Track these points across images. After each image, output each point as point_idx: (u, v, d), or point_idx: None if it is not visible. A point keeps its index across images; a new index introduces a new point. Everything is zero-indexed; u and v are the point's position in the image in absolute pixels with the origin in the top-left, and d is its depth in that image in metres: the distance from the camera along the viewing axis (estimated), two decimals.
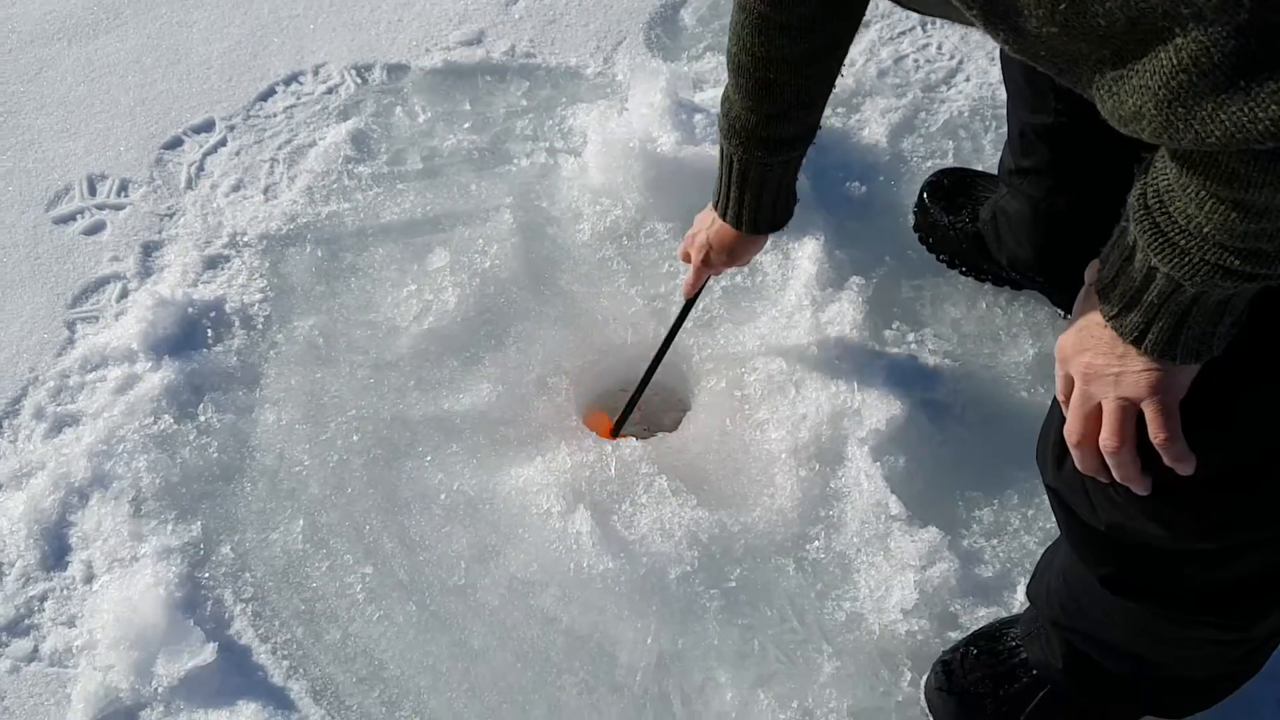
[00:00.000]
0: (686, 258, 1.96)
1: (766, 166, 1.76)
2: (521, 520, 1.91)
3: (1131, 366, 1.10)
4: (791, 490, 1.94)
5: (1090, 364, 1.13)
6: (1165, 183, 0.98)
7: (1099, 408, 1.15)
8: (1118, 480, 1.18)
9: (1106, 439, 1.14)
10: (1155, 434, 1.11)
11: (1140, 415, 1.12)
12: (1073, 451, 1.20)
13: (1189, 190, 0.95)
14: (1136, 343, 1.08)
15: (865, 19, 2.62)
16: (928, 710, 1.76)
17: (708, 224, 1.90)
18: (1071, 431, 1.18)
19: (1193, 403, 1.12)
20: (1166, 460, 1.13)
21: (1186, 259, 0.99)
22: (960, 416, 2.06)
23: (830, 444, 1.97)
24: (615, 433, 2.05)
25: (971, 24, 1.06)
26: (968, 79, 2.59)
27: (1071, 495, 1.34)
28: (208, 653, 1.76)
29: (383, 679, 1.78)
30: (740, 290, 2.21)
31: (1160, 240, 1.00)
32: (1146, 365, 1.09)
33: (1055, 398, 1.24)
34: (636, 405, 2.04)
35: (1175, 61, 0.84)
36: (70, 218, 2.30)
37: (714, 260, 1.93)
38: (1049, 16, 0.88)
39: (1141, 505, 1.22)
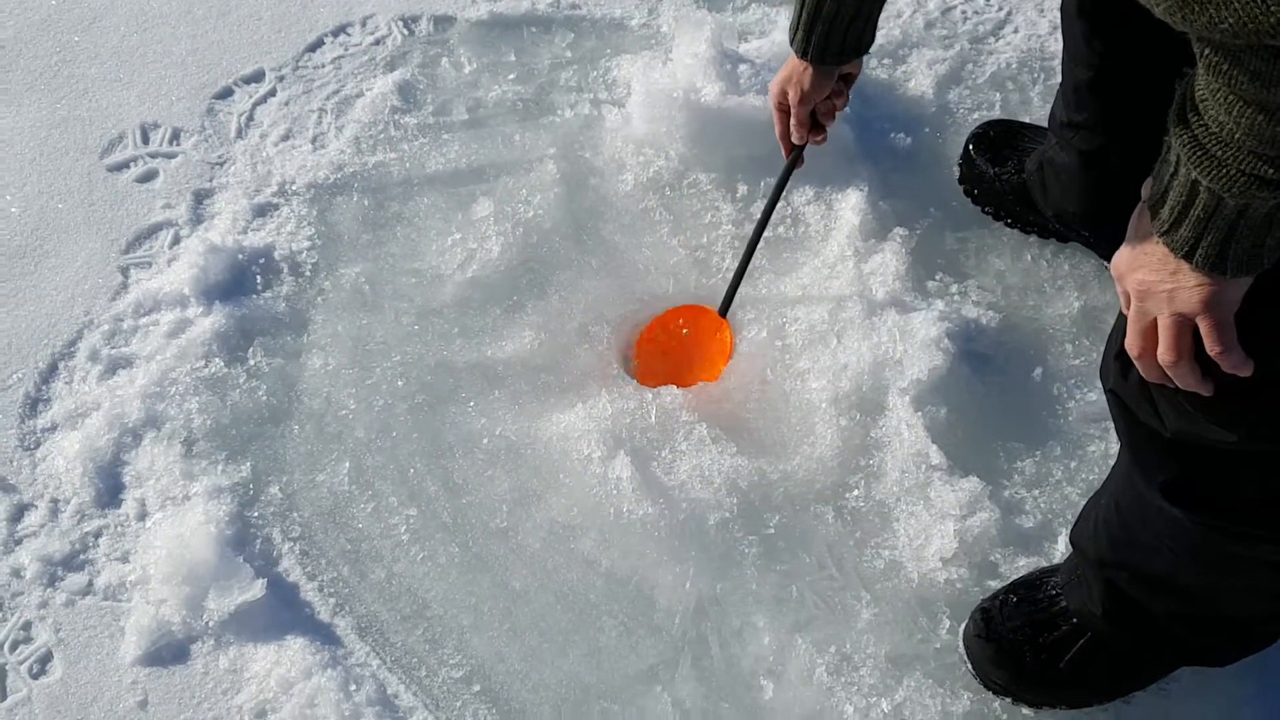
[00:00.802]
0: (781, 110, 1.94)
1: None
2: (562, 465, 1.93)
3: (1184, 282, 1.09)
4: (831, 439, 1.94)
5: (1144, 280, 1.13)
6: (1200, 93, 0.98)
7: (1155, 322, 1.15)
8: (1180, 388, 1.19)
9: (1164, 354, 1.15)
10: (1211, 347, 1.11)
11: (1196, 327, 1.12)
12: (1136, 362, 1.20)
13: (1218, 95, 0.95)
14: (1187, 258, 1.07)
15: None
16: (965, 657, 1.77)
17: (787, 69, 1.87)
18: (1132, 346, 1.19)
19: (1247, 309, 1.12)
20: (1225, 369, 1.13)
21: (1224, 170, 0.98)
22: (1003, 368, 2.05)
23: (871, 394, 1.97)
24: (723, 312, 2.06)
25: None
26: (1016, 31, 2.56)
27: (1137, 403, 1.34)
28: (256, 589, 1.80)
29: (426, 618, 1.81)
30: (782, 240, 2.21)
31: (1198, 152, 1.00)
32: (1199, 280, 1.08)
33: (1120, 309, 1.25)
34: (738, 286, 2.05)
35: None
36: (124, 165, 2.33)
37: (793, 101, 1.87)
38: None
39: (1207, 410, 1.22)
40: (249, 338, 2.08)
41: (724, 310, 2.07)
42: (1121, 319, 1.25)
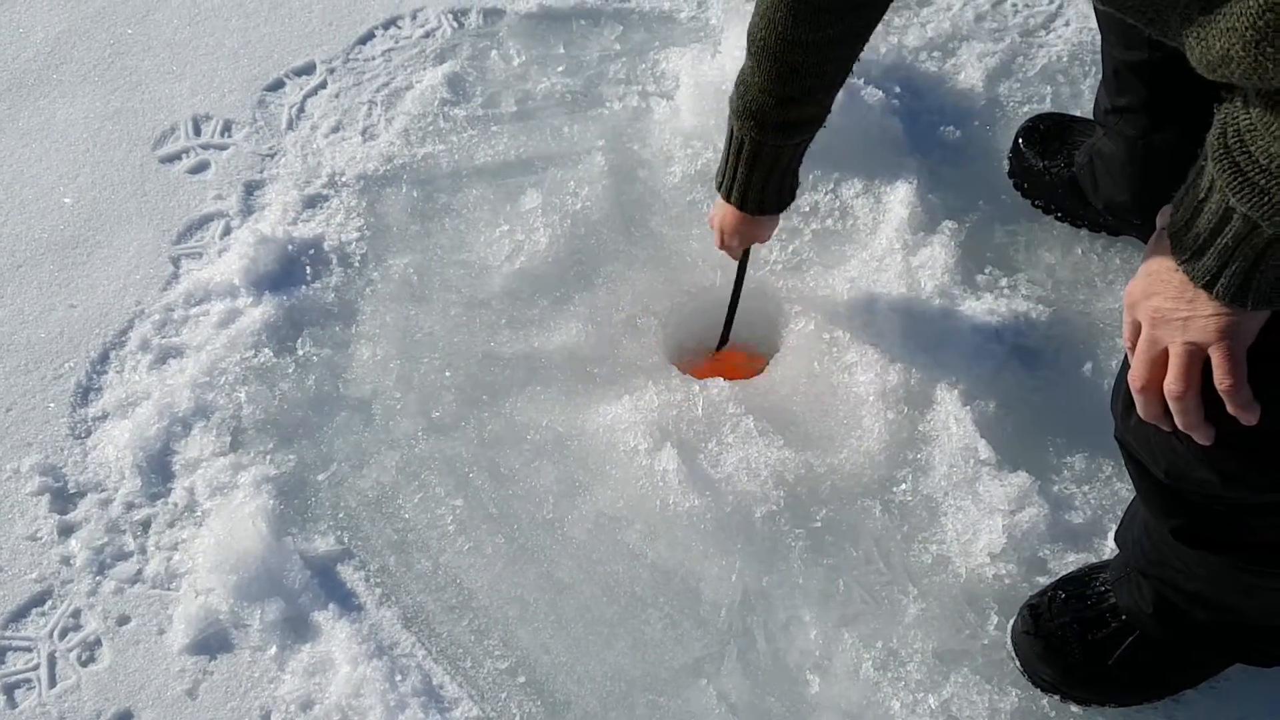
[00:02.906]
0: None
1: (778, 149, 1.74)
2: (609, 457, 1.93)
3: (1201, 311, 1.08)
4: (879, 433, 1.93)
5: (1159, 308, 1.12)
6: (1246, 122, 0.97)
7: (1165, 353, 1.14)
8: (1180, 427, 1.17)
9: (1171, 383, 1.13)
10: (1221, 380, 1.09)
11: (1206, 362, 1.11)
12: (1136, 397, 1.19)
13: (1272, 128, 0.93)
14: (1208, 287, 1.06)
15: None
16: (1013, 654, 1.75)
17: (723, 215, 1.89)
18: (1136, 376, 1.17)
19: (1259, 352, 1.10)
20: (1230, 408, 1.11)
21: (1266, 198, 0.97)
22: (1053, 363, 2.03)
23: (919, 388, 1.96)
24: (720, 347, 2.08)
25: None
26: (1067, 24, 2.53)
27: (1139, 447, 1.33)
28: (303, 579, 1.81)
29: (472, 608, 1.82)
30: (830, 233, 2.20)
31: (1239, 179, 0.98)
32: (1216, 310, 1.07)
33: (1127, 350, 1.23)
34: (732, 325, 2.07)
35: (1262, 1, 0.84)
36: (176, 157, 2.36)
37: (727, 244, 1.92)
38: None
39: (1203, 456, 1.21)
40: (298, 328, 2.09)
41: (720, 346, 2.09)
42: (1125, 367, 1.23)
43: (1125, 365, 1.32)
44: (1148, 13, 0.93)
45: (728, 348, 2.11)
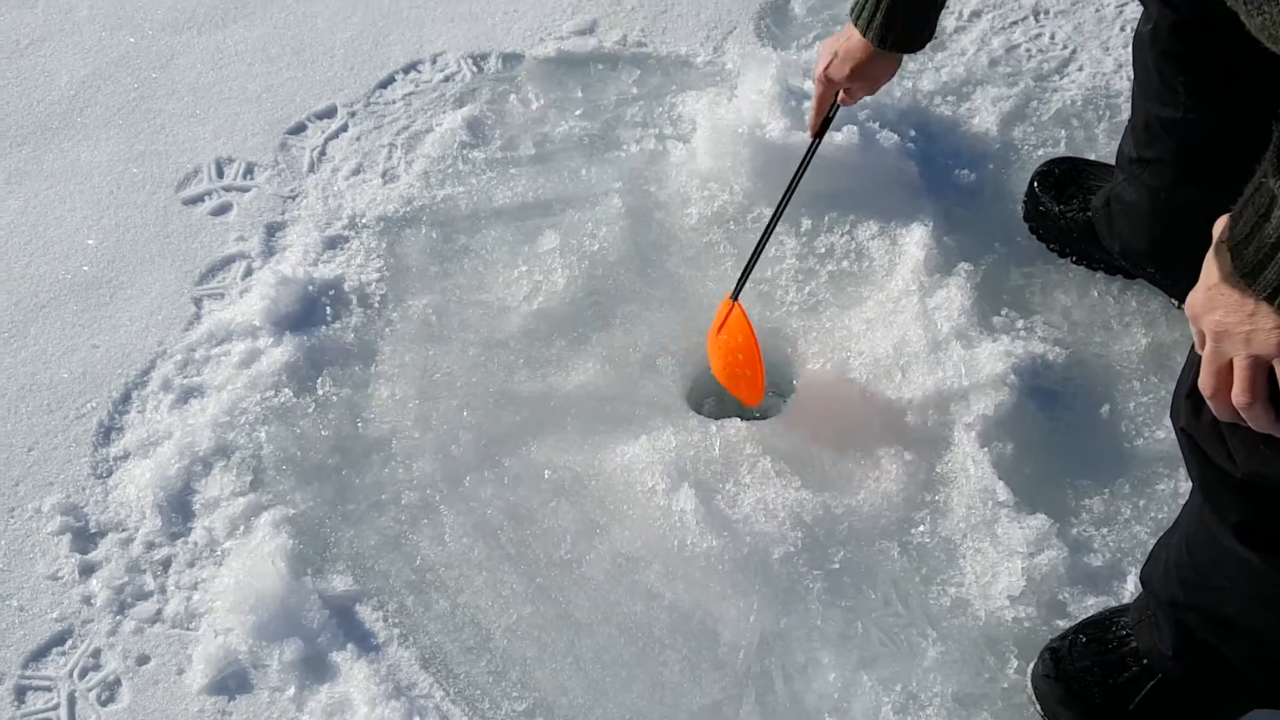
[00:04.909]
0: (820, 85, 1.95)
1: None
2: (626, 497, 1.94)
3: (1262, 324, 1.08)
4: (897, 474, 1.93)
5: (1220, 322, 1.12)
6: None
7: (1231, 363, 1.14)
8: (1254, 430, 1.17)
9: (1239, 395, 1.13)
10: None
11: (1272, 369, 1.11)
12: (1209, 402, 1.19)
13: None
14: (1269, 300, 1.06)
15: (976, 9, 2.63)
16: (1034, 698, 1.74)
17: (840, 41, 1.87)
18: (1205, 386, 1.18)
19: None
20: None
21: None
22: (1070, 404, 2.03)
23: (937, 429, 1.96)
24: (734, 296, 2.02)
25: None
26: (1080, 69, 2.55)
27: (1209, 442, 1.32)
28: (321, 618, 1.82)
29: (489, 649, 1.82)
30: (846, 275, 2.21)
31: None
32: (1276, 322, 1.07)
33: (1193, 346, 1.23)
34: (752, 269, 2.02)
35: None
36: (199, 199, 2.38)
37: (835, 73, 1.89)
38: None
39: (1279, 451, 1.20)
40: (318, 368, 2.11)
41: (736, 293, 2.02)
42: (1193, 358, 1.23)
43: (1189, 362, 1.32)
44: None
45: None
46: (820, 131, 2.00)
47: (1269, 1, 0.89)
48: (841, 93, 1.94)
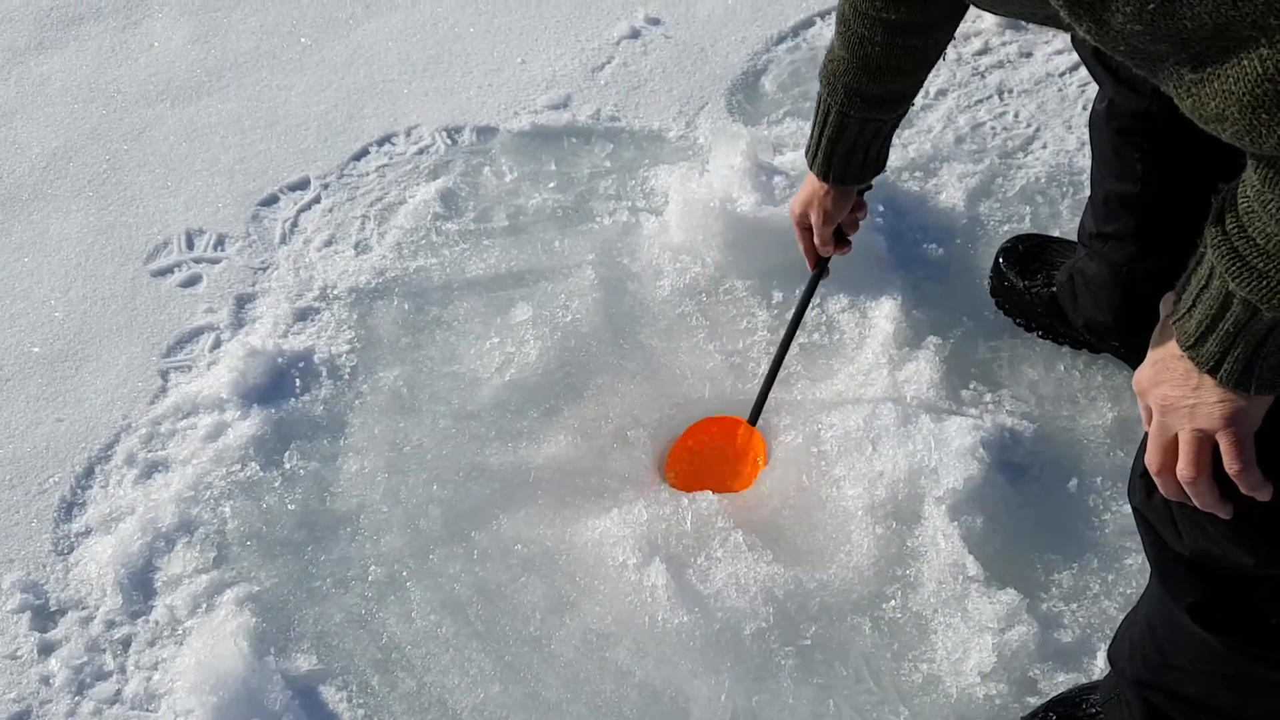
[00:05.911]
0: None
1: (864, 121, 1.79)
2: (597, 572, 1.92)
3: (1206, 398, 1.10)
4: (868, 548, 1.93)
5: (1166, 396, 1.14)
6: (1244, 205, 0.99)
7: (1176, 438, 1.15)
8: (1199, 508, 1.18)
9: (1183, 469, 1.14)
10: (1230, 465, 1.11)
11: (1217, 445, 1.12)
12: (1155, 479, 1.20)
13: (1269, 206, 0.96)
14: (1212, 373, 1.07)
15: (942, 88, 2.67)
16: None
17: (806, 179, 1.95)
18: (1152, 461, 1.19)
19: (1268, 431, 1.11)
20: (1244, 489, 1.13)
21: (1264, 282, 0.99)
22: (1039, 478, 2.04)
23: (907, 503, 1.96)
24: (754, 421, 2.08)
25: (1050, 20, 1.08)
26: (1044, 146, 2.59)
27: (1160, 523, 1.33)
28: (284, 699, 1.78)
29: None
30: (817, 348, 2.22)
31: (1237, 263, 1.00)
32: (1221, 396, 1.09)
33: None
34: (768, 394, 2.07)
35: (1261, 70, 0.86)
36: (168, 270, 2.38)
37: (794, 206, 1.98)
38: (1136, 14, 0.89)
39: (1226, 531, 1.21)
40: (285, 441, 2.09)
41: (754, 419, 2.07)
42: (1146, 437, 1.24)
43: (1144, 442, 1.33)
44: (1136, 59, 0.95)
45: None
46: (819, 268, 2.07)
47: (1196, 84, 0.91)
48: (821, 241, 2.01)
